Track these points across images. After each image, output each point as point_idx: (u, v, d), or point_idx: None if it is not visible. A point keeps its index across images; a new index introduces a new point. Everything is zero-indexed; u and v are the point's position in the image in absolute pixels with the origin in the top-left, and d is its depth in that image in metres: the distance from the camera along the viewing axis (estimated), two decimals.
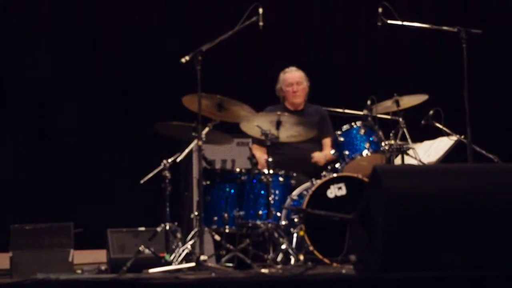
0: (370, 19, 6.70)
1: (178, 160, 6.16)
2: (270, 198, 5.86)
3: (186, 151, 6.19)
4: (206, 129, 5.98)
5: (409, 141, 6.21)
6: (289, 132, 6.17)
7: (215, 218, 5.96)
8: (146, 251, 5.80)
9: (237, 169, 6.11)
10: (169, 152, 6.32)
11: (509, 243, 4.14)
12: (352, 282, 4.19)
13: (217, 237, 5.90)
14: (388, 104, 6.34)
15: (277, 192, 6.05)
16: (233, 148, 7.26)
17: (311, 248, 5.75)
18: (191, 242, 5.82)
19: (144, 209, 7.61)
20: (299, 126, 6.16)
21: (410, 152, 6.17)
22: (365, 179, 5.86)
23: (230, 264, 5.63)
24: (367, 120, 6.24)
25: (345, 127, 6.27)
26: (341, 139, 6.24)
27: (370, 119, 6.23)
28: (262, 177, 5.94)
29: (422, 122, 6.45)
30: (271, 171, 5.91)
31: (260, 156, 6.28)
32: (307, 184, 6.11)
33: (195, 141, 5.93)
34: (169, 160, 6.07)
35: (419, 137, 6.50)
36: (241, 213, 5.95)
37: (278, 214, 6.00)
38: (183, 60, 5.60)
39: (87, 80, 8.03)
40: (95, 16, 8.12)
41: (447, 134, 6.41)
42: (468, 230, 4.12)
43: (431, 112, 6.41)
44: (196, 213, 6.03)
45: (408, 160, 6.18)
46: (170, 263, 5.70)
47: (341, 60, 8.59)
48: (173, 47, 7.89)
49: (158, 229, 5.97)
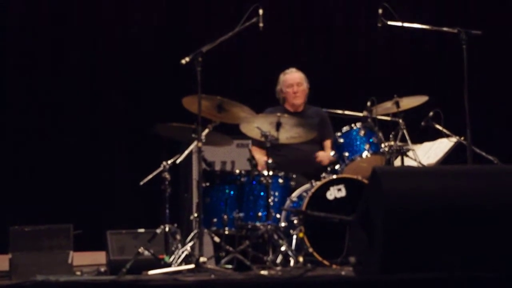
0: (370, 19, 6.69)
1: (177, 161, 6.15)
2: (269, 200, 5.86)
3: (186, 152, 6.18)
4: (206, 131, 5.98)
5: (409, 142, 6.21)
6: (289, 133, 6.16)
7: (215, 220, 5.96)
8: (146, 252, 5.79)
9: (237, 171, 6.11)
10: (169, 153, 6.32)
11: (509, 244, 4.14)
12: (352, 284, 4.18)
13: (216, 239, 5.89)
14: (388, 106, 6.33)
15: (276, 193, 6.04)
16: (233, 150, 7.25)
17: (310, 249, 5.75)
18: (190, 243, 5.82)
19: (143, 211, 7.60)
20: (299, 128, 6.16)
21: (410, 153, 6.17)
22: (365, 180, 5.85)
23: (230, 266, 5.63)
24: (367, 121, 6.24)
25: (345, 129, 6.27)
26: (341, 140, 6.24)
27: (370, 120, 6.23)
28: (262, 178, 5.94)
29: (422, 123, 6.45)
30: (270, 173, 5.90)
31: (260, 157, 6.27)
32: (307, 185, 6.11)
33: (195, 143, 5.92)
34: (169, 162, 6.07)
35: (419, 139, 6.49)
36: (241, 214, 5.94)
37: (278, 215, 6.00)
38: (183, 62, 5.60)
39: (87, 80, 8.02)
40: (95, 16, 8.12)
41: (447, 136, 6.41)
42: (468, 231, 4.12)
43: (431, 114, 6.41)
44: (195, 214, 6.02)
45: (407, 162, 6.17)
46: (169, 265, 5.69)
47: (341, 61, 8.59)
48: (173, 47, 7.89)
49: (158, 230, 5.96)
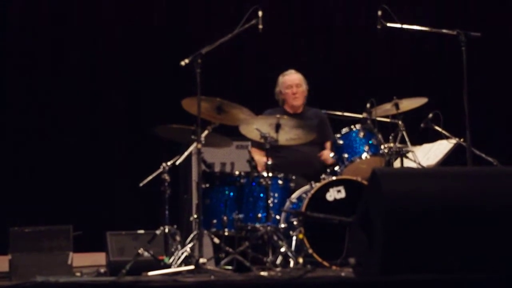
0: (370, 20, 6.69)
1: (177, 163, 6.15)
2: (269, 201, 5.86)
3: (186, 154, 6.18)
4: (206, 132, 5.98)
5: (409, 144, 6.21)
6: (289, 135, 6.16)
7: (214, 221, 5.96)
8: (145, 254, 5.79)
9: (236, 172, 6.11)
10: (169, 155, 6.32)
11: (508, 245, 4.15)
12: (352, 285, 4.19)
13: (216, 240, 5.89)
14: (388, 107, 6.33)
15: (276, 195, 6.05)
16: (233, 151, 7.25)
17: (310, 251, 5.75)
18: (190, 245, 5.82)
19: (143, 212, 7.60)
20: (298, 129, 6.16)
21: (409, 155, 6.17)
22: (365, 182, 5.85)
23: (229, 267, 5.63)
24: (367, 123, 6.24)
25: (344, 130, 6.27)
26: (341, 142, 6.25)
27: (369, 122, 6.23)
28: (261, 180, 5.94)
29: (422, 125, 6.45)
30: (270, 174, 5.91)
31: (260, 158, 6.27)
32: (306, 187, 6.11)
33: (194, 144, 5.92)
34: (169, 163, 6.07)
35: (418, 140, 6.49)
36: (240, 216, 5.95)
37: (277, 217, 6.00)
38: (182, 63, 5.60)
39: (87, 80, 8.02)
40: (95, 16, 8.12)
41: (446, 137, 6.41)
42: (467, 232, 4.12)
43: (430, 115, 6.41)
44: (195, 216, 6.03)
45: (407, 163, 6.17)
46: (169, 266, 5.69)
47: (341, 63, 8.59)
48: (173, 47, 7.89)
49: (157, 232, 5.96)
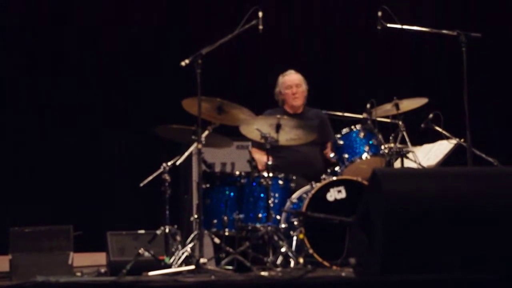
0: (370, 20, 6.69)
1: (177, 163, 6.15)
2: (269, 201, 5.86)
3: (186, 154, 6.19)
4: (206, 132, 5.98)
5: (409, 144, 6.21)
6: (289, 135, 6.16)
7: (215, 221, 5.96)
8: (146, 254, 5.79)
9: (237, 172, 6.11)
10: (169, 155, 6.32)
11: (509, 245, 4.15)
12: (352, 285, 4.19)
13: (216, 240, 5.89)
14: (388, 108, 6.34)
15: (276, 195, 6.05)
16: (233, 151, 7.24)
17: (310, 251, 5.75)
18: (190, 245, 5.83)
19: (143, 212, 7.60)
20: (298, 129, 6.16)
21: (409, 155, 6.17)
22: (365, 182, 5.85)
23: (230, 267, 5.63)
24: (367, 123, 6.24)
25: (345, 130, 6.27)
26: (341, 142, 6.25)
27: (369, 122, 6.23)
28: (262, 180, 5.94)
29: (422, 125, 6.45)
30: (270, 174, 5.91)
31: (260, 157, 6.27)
32: (307, 187, 6.11)
33: (194, 144, 5.92)
34: (169, 163, 6.07)
35: (418, 141, 6.49)
36: (241, 216, 5.95)
37: (278, 217, 6.00)
38: (183, 64, 5.60)
39: (87, 80, 8.02)
40: (95, 16, 8.12)
41: (446, 138, 6.41)
42: (468, 233, 4.12)
43: (430, 116, 6.41)
44: (195, 216, 6.03)
45: (407, 164, 6.17)
46: (169, 266, 5.69)
47: (341, 63, 8.59)
48: (173, 47, 7.89)
49: (158, 232, 5.96)
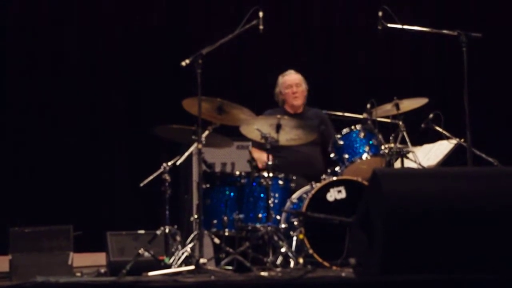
0: (370, 20, 6.69)
1: (178, 163, 6.16)
2: (269, 201, 5.86)
3: (186, 154, 6.19)
4: (206, 132, 5.98)
5: (409, 144, 6.21)
6: (289, 135, 6.16)
7: (215, 221, 5.96)
8: (146, 254, 5.79)
9: (237, 172, 6.11)
10: (169, 155, 6.32)
11: (509, 246, 4.15)
12: (352, 285, 4.19)
13: (216, 240, 5.90)
14: (388, 108, 6.34)
15: (276, 195, 6.05)
16: (233, 151, 7.24)
17: (310, 251, 5.75)
18: (190, 245, 5.83)
19: (143, 212, 7.61)
20: (298, 129, 6.16)
21: (410, 155, 6.17)
22: (365, 182, 5.85)
23: (230, 267, 5.63)
24: (367, 123, 6.24)
25: (345, 131, 6.27)
26: (341, 142, 6.24)
27: (369, 122, 6.23)
28: (262, 180, 5.94)
29: (422, 125, 6.44)
30: (270, 174, 5.91)
31: (260, 156, 6.27)
32: (307, 187, 6.11)
33: (195, 144, 5.92)
34: (169, 163, 6.07)
35: (419, 141, 6.49)
36: (241, 216, 5.95)
37: (278, 217, 6.00)
38: (183, 64, 5.60)
39: (87, 80, 8.02)
40: (95, 16, 8.12)
41: (447, 138, 6.41)
42: (468, 233, 4.12)
43: (431, 116, 6.41)
44: (195, 216, 6.03)
45: (408, 164, 6.17)
46: (169, 266, 5.69)
47: (341, 63, 8.59)
48: (173, 47, 7.89)
49: (158, 232, 5.96)
